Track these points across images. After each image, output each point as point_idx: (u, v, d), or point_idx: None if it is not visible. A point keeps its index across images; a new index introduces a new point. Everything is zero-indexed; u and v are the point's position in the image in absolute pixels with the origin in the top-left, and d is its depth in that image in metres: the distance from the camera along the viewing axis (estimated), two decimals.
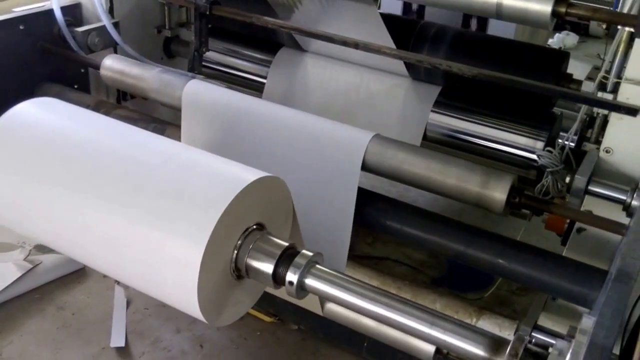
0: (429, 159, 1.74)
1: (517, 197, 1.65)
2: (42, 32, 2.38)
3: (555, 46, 5.40)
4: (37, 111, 1.55)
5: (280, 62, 2.48)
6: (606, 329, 1.08)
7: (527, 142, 2.04)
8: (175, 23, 2.83)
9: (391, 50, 1.94)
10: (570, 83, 1.95)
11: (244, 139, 1.93)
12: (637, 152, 1.67)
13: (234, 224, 1.28)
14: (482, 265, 1.76)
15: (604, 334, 1.06)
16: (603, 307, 1.12)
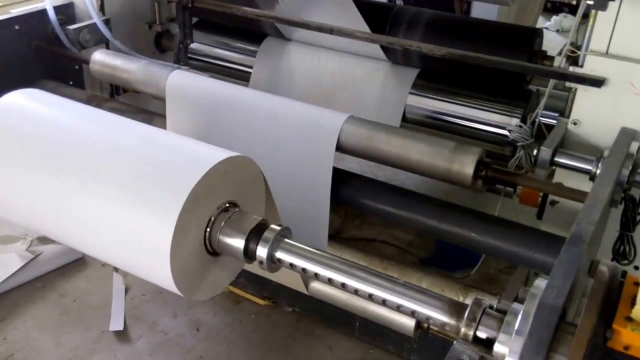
0: (400, 137, 1.75)
1: (484, 171, 1.65)
2: (36, 31, 2.41)
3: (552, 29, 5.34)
4: (18, 102, 1.57)
5: (265, 51, 2.49)
6: (557, 289, 1.08)
7: (502, 120, 2.04)
8: (166, 18, 2.84)
9: (364, 34, 1.95)
10: (544, 59, 1.95)
11: (226, 125, 1.95)
12: (603, 122, 1.66)
13: (205, 201, 1.29)
14: (455, 239, 1.77)
15: (555, 294, 1.07)
16: (554, 269, 1.12)
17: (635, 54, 1.60)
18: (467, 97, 2.13)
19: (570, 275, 1.11)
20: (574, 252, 1.16)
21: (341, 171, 1.97)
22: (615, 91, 1.63)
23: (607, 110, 1.65)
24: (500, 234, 1.71)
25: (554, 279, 1.10)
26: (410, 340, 2.17)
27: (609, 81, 1.62)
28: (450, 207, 1.86)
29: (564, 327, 1.06)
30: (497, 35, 2.06)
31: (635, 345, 0.98)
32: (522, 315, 1.08)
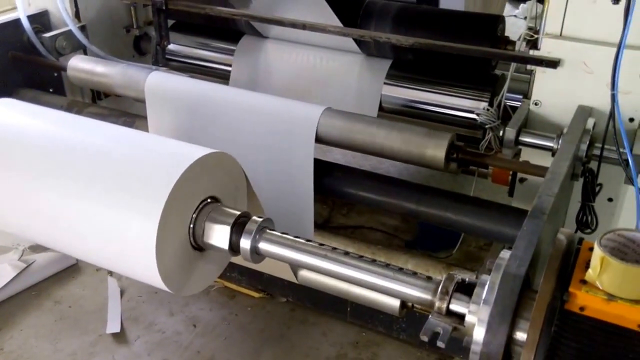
0: (374, 127, 1.85)
1: (455, 154, 1.75)
2: (12, 41, 2.46)
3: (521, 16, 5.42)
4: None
5: (243, 49, 2.56)
6: (519, 259, 1.17)
7: (472, 104, 2.13)
8: (143, 22, 2.90)
9: (336, 29, 2.03)
10: (507, 44, 2.04)
11: (206, 122, 2.02)
12: (561, 101, 1.76)
13: (186, 198, 1.36)
14: (433, 219, 1.87)
15: (517, 264, 1.16)
16: (517, 241, 1.21)
17: (586, 35, 1.69)
18: (438, 85, 2.23)
19: (532, 245, 1.20)
20: (535, 224, 1.26)
21: (324, 162, 2.05)
22: (570, 71, 1.72)
23: (565, 89, 1.75)
24: (474, 213, 1.82)
25: (517, 250, 1.19)
26: (398, 320, 2.27)
27: (564, 62, 1.71)
28: (427, 190, 1.96)
29: (527, 294, 1.16)
30: (462, 23, 2.16)
31: (590, 306, 1.06)
32: (488, 286, 1.17)
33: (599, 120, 1.68)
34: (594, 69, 1.68)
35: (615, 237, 1.07)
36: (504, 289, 1.12)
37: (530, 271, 1.18)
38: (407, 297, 1.31)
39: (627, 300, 1.04)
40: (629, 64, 1.62)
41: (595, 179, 1.66)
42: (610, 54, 1.56)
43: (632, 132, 1.68)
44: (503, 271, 1.15)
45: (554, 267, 1.15)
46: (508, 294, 1.11)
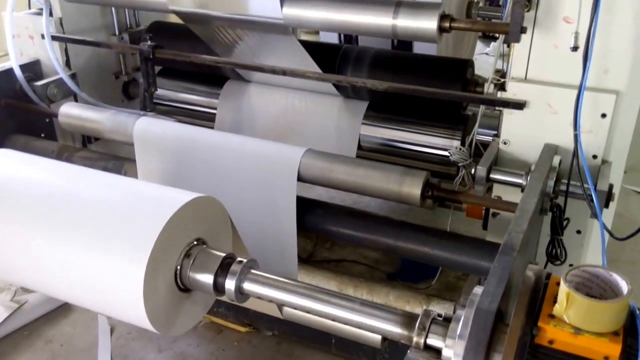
0: (353, 166, 1.87)
1: (430, 191, 1.78)
2: (5, 89, 2.48)
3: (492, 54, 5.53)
4: None
5: (227, 93, 2.59)
6: (491, 295, 1.18)
7: (445, 142, 2.17)
8: (132, 68, 2.92)
9: (314, 74, 2.07)
10: (476, 86, 2.09)
11: (192, 166, 2.04)
12: (528, 140, 1.79)
13: (173, 242, 1.37)
14: (411, 254, 1.88)
15: (489, 300, 1.17)
16: (489, 277, 1.23)
17: (549, 78, 1.74)
18: (413, 124, 2.27)
19: (503, 281, 1.21)
20: (505, 260, 1.27)
21: (306, 200, 2.07)
22: (536, 112, 1.76)
23: (531, 129, 1.78)
24: (450, 247, 1.83)
25: (489, 286, 1.20)
26: (381, 352, 2.26)
27: (529, 103, 1.75)
28: (405, 226, 1.97)
29: (500, 328, 1.17)
30: (435, 67, 2.20)
31: (558, 339, 1.08)
32: (463, 321, 1.18)
33: (565, 158, 1.71)
34: (558, 109, 1.73)
35: (580, 273, 1.10)
36: (477, 324, 1.14)
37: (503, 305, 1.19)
38: (386, 333, 1.32)
39: (593, 334, 1.06)
40: (590, 104, 1.67)
41: (562, 214, 1.68)
42: (572, 96, 1.62)
43: (595, 169, 1.72)
44: (476, 307, 1.16)
45: (523, 302, 1.17)
46: (481, 329, 1.12)
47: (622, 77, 1.65)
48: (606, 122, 1.69)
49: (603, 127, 1.69)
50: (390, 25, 1.77)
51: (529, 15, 1.66)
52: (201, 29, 2.23)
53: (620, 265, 2.89)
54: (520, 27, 1.59)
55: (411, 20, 1.74)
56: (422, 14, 1.73)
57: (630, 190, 3.68)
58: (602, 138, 1.70)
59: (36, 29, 2.51)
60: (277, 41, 2.11)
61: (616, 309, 1.04)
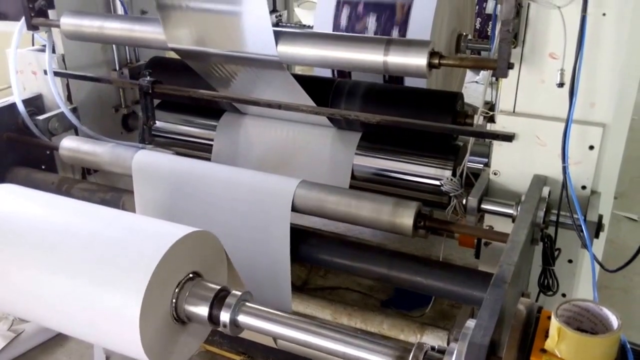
0: (346, 197, 1.86)
1: (422, 222, 1.76)
2: (7, 123, 2.46)
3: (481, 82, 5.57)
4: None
5: (223, 126, 2.58)
6: (484, 329, 1.16)
7: (436, 172, 2.16)
8: (131, 101, 2.93)
9: (308, 108, 2.06)
10: (466, 118, 2.08)
11: (189, 198, 2.02)
12: (518, 171, 1.78)
13: (169, 276, 1.35)
14: (404, 284, 1.85)
15: (482, 333, 1.15)
16: (481, 311, 1.20)
17: (537, 111, 1.73)
18: (405, 154, 2.25)
19: (495, 314, 1.19)
20: (497, 293, 1.25)
21: (300, 230, 2.05)
22: (525, 144, 1.75)
23: (520, 160, 1.78)
24: (443, 277, 1.81)
25: (481, 319, 1.18)
26: None
27: (518, 136, 1.75)
28: (399, 255, 1.95)
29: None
30: (425, 100, 2.20)
31: None
32: (456, 355, 1.16)
33: (554, 188, 1.70)
34: (546, 141, 1.72)
35: (571, 307, 1.07)
36: (470, 358, 1.11)
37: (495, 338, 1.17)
38: None
39: None
40: (578, 137, 1.66)
41: (553, 244, 1.66)
42: (560, 128, 1.61)
43: (584, 199, 1.71)
44: (469, 341, 1.14)
45: (515, 337, 1.15)
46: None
47: (608, 110, 1.65)
48: (594, 153, 1.68)
49: (591, 158, 1.69)
50: (381, 62, 1.77)
51: (516, 52, 1.67)
52: (198, 65, 2.24)
53: (612, 293, 2.86)
54: (507, 63, 1.59)
55: (402, 57, 1.74)
56: (412, 51, 1.73)
57: (621, 217, 3.67)
58: (590, 169, 1.70)
59: (39, 65, 2.52)
60: (272, 76, 2.11)
61: (607, 344, 1.02)
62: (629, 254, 1.59)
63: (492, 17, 2.26)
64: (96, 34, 2.26)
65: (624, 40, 1.57)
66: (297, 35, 1.97)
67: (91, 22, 2.24)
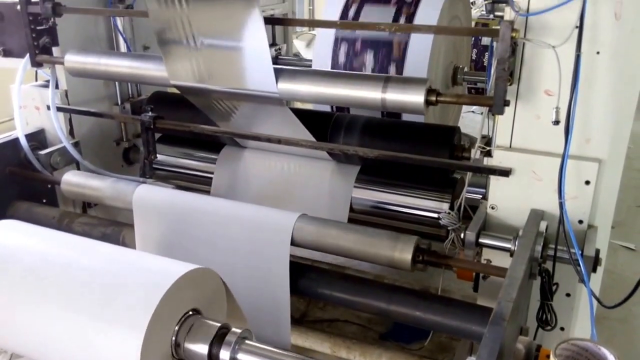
0: (345, 232, 1.86)
1: (421, 256, 1.76)
2: (10, 157, 2.47)
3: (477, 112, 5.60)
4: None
5: (223, 159, 2.59)
6: None
7: (434, 205, 2.16)
8: (132, 135, 2.95)
9: (308, 143, 2.08)
10: (463, 152, 2.10)
11: (189, 232, 2.02)
12: (515, 205, 1.79)
13: (169, 314, 1.34)
14: (404, 318, 1.84)
15: None
16: (481, 349, 1.20)
17: (533, 147, 1.75)
18: (403, 187, 2.26)
19: (494, 353, 1.18)
20: (496, 331, 1.25)
21: (299, 264, 2.04)
22: (521, 179, 1.77)
23: (517, 195, 1.78)
24: (442, 311, 1.80)
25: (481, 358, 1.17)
26: None
27: (515, 170, 1.76)
28: (397, 289, 1.95)
29: None
30: (423, 134, 2.22)
31: None
32: None
33: (551, 223, 1.70)
34: (542, 176, 1.73)
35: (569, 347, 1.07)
36: None
37: None
38: None
39: None
40: (574, 172, 1.67)
41: (551, 279, 1.66)
42: (556, 163, 1.62)
43: (581, 234, 1.71)
44: None
45: None
46: None
47: (603, 146, 1.67)
48: (590, 188, 1.69)
49: (587, 193, 1.69)
50: (380, 99, 1.79)
51: (512, 89, 1.69)
52: (199, 100, 2.26)
53: (611, 324, 2.84)
54: (503, 101, 1.61)
55: (399, 95, 1.76)
56: (410, 89, 1.75)
57: (618, 246, 3.66)
58: (586, 204, 1.70)
59: (42, 100, 2.54)
60: (271, 111, 2.13)
61: None
62: (627, 285, 1.58)
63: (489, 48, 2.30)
64: (100, 71, 2.28)
65: (618, 78, 1.59)
66: (297, 73, 1.99)
67: (95, 60, 2.27)
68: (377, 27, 1.76)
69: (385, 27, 1.75)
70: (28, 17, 2.32)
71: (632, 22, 1.54)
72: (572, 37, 1.55)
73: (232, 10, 1.92)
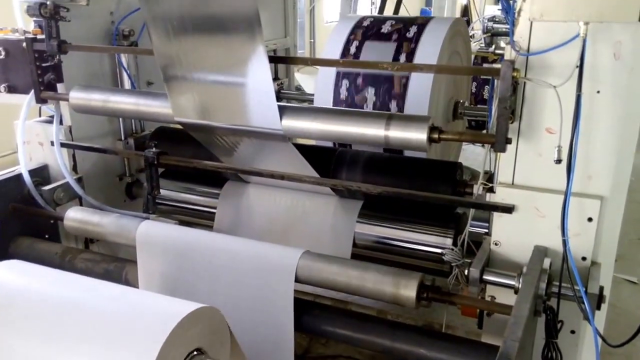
0: (349, 268, 1.86)
1: (425, 293, 1.75)
2: (13, 193, 2.48)
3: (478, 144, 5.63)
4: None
5: (226, 194, 2.60)
6: None
7: (438, 241, 2.16)
8: (135, 170, 2.95)
9: (311, 178, 2.09)
10: (466, 187, 2.11)
11: (192, 269, 2.02)
12: (519, 242, 1.79)
13: (174, 353, 1.33)
14: (408, 356, 1.82)
15: None
16: None
17: (536, 184, 1.76)
18: (406, 222, 2.26)
19: None
20: None
21: (303, 301, 2.04)
22: (524, 215, 1.77)
23: (521, 231, 1.79)
24: (446, 349, 1.78)
25: None
26: None
27: (518, 207, 1.77)
28: (401, 327, 1.93)
29: None
30: (425, 170, 2.23)
31: None
32: None
33: (555, 260, 1.70)
34: (546, 213, 1.74)
35: None
36: None
37: None
38: None
39: None
40: (576, 209, 1.68)
41: (556, 317, 1.65)
42: (559, 200, 1.63)
43: (585, 270, 1.71)
44: None
45: None
46: None
47: (605, 183, 1.68)
48: (593, 225, 1.69)
49: (590, 230, 1.70)
50: (383, 136, 1.81)
51: (513, 126, 1.71)
52: (202, 136, 2.28)
53: None
54: (505, 138, 1.63)
55: (402, 132, 1.78)
56: (413, 127, 1.78)
57: (621, 279, 3.65)
58: (589, 241, 1.71)
59: (46, 136, 2.55)
60: (274, 146, 2.15)
61: None
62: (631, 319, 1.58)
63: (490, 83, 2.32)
64: (104, 108, 2.31)
65: (618, 116, 1.61)
66: (301, 111, 2.02)
67: (99, 97, 2.30)
68: (380, 66, 1.80)
69: (387, 66, 1.78)
70: (34, 54, 2.36)
71: (631, 62, 1.56)
72: (572, 77, 1.57)
73: (236, 46, 1.95)
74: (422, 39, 2.59)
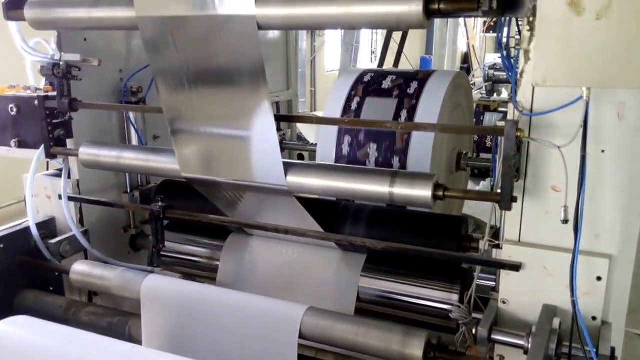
0: (354, 325, 1.81)
1: (432, 352, 1.69)
2: (20, 246, 2.45)
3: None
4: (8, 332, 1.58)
5: (230, 246, 2.56)
6: None
7: (443, 296, 2.09)
8: (140, 222, 2.92)
9: (315, 233, 2.05)
10: (471, 242, 2.06)
11: (196, 324, 1.97)
12: (527, 300, 1.74)
13: None
14: None
15: None
16: None
17: (543, 241, 1.72)
18: (411, 277, 2.20)
19: None
20: None
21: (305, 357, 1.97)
22: (532, 273, 1.72)
23: (529, 289, 1.74)
24: None
25: None
26: None
27: (525, 265, 1.72)
28: None
29: None
30: (430, 224, 2.19)
31: None
32: None
33: (564, 319, 1.65)
34: (554, 272, 1.69)
35: None
36: None
37: None
38: None
39: None
40: (585, 268, 1.63)
41: None
42: (567, 258, 1.58)
43: (595, 330, 1.65)
44: None
45: None
46: None
47: (613, 242, 1.64)
48: (602, 285, 1.64)
49: (599, 289, 1.65)
50: (387, 193, 1.78)
51: (519, 184, 1.68)
52: (208, 190, 2.26)
53: None
54: (510, 197, 1.60)
55: (407, 190, 1.75)
56: (417, 184, 1.75)
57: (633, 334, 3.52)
58: (599, 300, 1.65)
59: (54, 190, 2.54)
60: (278, 201, 2.12)
61: None
62: None
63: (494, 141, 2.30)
64: (113, 164, 2.29)
65: (624, 175, 1.59)
66: (306, 167, 2.00)
67: (108, 153, 2.29)
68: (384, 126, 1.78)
69: (391, 126, 1.76)
70: (45, 111, 2.36)
71: (635, 122, 1.55)
72: (576, 136, 1.55)
73: (242, 100, 1.94)
74: (423, 95, 2.58)
